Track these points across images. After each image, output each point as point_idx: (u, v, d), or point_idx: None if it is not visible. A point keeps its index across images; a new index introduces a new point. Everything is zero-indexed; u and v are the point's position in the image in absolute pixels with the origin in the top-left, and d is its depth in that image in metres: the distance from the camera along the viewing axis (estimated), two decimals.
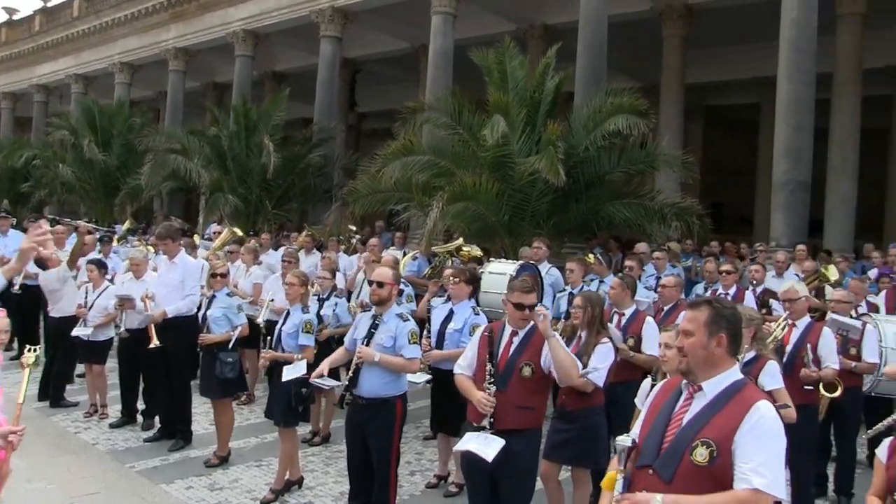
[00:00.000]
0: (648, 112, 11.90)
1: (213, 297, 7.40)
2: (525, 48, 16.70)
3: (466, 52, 13.46)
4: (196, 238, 13.95)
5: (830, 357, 6.10)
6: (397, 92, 23.41)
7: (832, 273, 9.64)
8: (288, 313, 6.67)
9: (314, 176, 20.32)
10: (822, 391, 6.53)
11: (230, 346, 7.17)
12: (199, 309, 7.71)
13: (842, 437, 6.94)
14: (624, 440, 2.89)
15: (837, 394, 6.56)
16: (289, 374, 6.25)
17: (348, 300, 9.47)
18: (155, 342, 7.37)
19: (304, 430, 7.87)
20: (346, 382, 5.42)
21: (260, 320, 7.87)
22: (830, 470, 7.10)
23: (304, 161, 20.06)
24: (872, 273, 10.36)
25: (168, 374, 7.72)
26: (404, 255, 11.58)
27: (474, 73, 13.31)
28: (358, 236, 14.55)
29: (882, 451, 3.86)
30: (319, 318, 7.91)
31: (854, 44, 15.43)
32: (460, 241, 10.71)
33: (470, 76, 14.16)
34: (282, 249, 11.06)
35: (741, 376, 2.98)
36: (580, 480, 5.67)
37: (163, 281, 7.80)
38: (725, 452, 2.77)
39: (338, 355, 5.83)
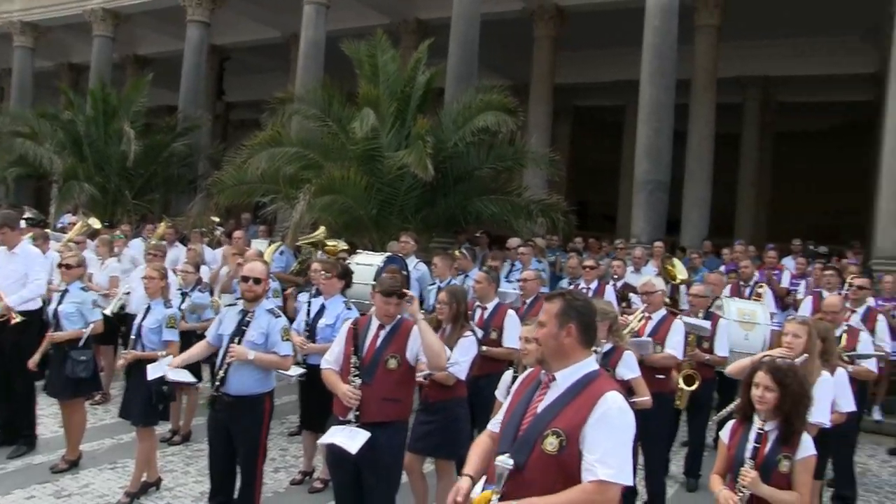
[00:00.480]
0: (517, 110, 12.13)
1: (66, 291, 6.92)
2: (398, 42, 16.70)
3: (338, 43, 13.32)
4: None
5: (676, 348, 6.34)
6: (267, 82, 22.88)
7: (679, 271, 10.09)
8: (149, 308, 6.40)
9: (178, 166, 19.65)
10: (682, 384, 6.86)
11: (81, 343, 6.72)
12: (48, 304, 7.24)
13: (693, 423, 7.27)
14: (505, 462, 2.87)
15: (695, 387, 6.90)
16: (154, 372, 5.95)
17: (212, 294, 9.20)
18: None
19: (163, 428, 7.58)
20: (214, 381, 5.26)
21: (108, 311, 7.48)
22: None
23: (167, 150, 19.33)
24: (721, 269, 10.93)
25: (9, 374, 7.14)
26: (268, 246, 11.35)
27: (346, 65, 13.19)
28: (222, 228, 14.16)
29: (725, 433, 4.09)
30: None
31: (710, 54, 16.24)
32: (321, 230, 10.60)
33: (341, 68, 14.03)
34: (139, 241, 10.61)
35: (595, 367, 3.03)
36: (444, 472, 5.71)
37: (2, 273, 7.15)
38: (574, 442, 2.81)
39: (197, 350, 5.66)
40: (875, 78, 17.21)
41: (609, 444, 2.80)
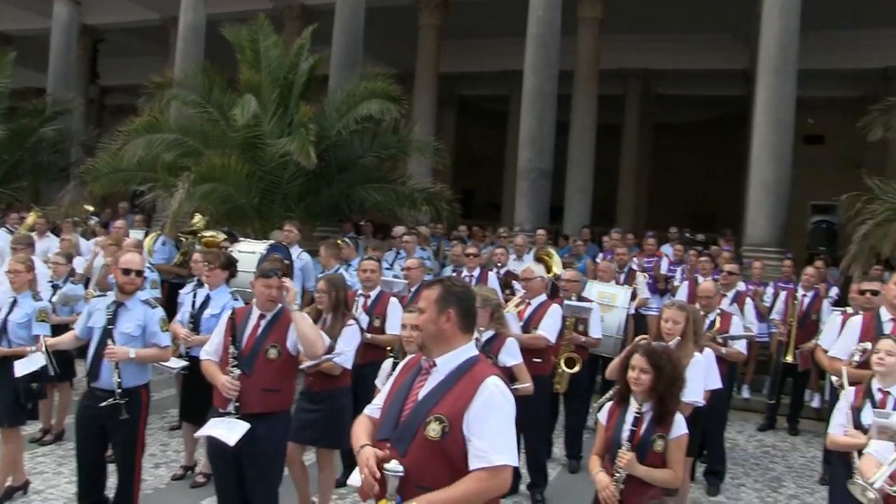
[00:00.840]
0: (402, 98, 12.12)
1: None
2: (281, 28, 16.36)
3: (219, 27, 12.94)
4: None
5: (548, 330, 6.45)
6: (145, 65, 21.94)
7: (555, 263, 10.32)
8: (15, 302, 6.05)
9: (49, 152, 18.66)
10: (563, 367, 7.02)
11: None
12: None
13: (570, 405, 7.45)
14: (395, 468, 2.83)
15: (576, 369, 7.08)
16: (23, 368, 5.64)
17: (86, 286, 8.81)
18: None
19: (33, 428, 7.25)
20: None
21: None
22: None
23: (35, 135, 18.32)
24: (600, 257, 11.25)
25: None
26: (145, 235, 10.98)
27: (227, 50, 12.82)
28: (97, 218, 13.59)
29: (603, 415, 4.20)
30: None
31: (592, 45, 16.60)
32: (198, 219, 10.31)
33: (223, 53, 13.62)
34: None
35: (475, 353, 3.05)
36: (326, 462, 5.66)
37: None
38: (456, 428, 2.82)
39: (65, 339, 5.44)
40: (746, 74, 18.03)
41: (497, 430, 2.84)
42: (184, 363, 6.32)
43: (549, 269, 9.94)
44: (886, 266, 10.17)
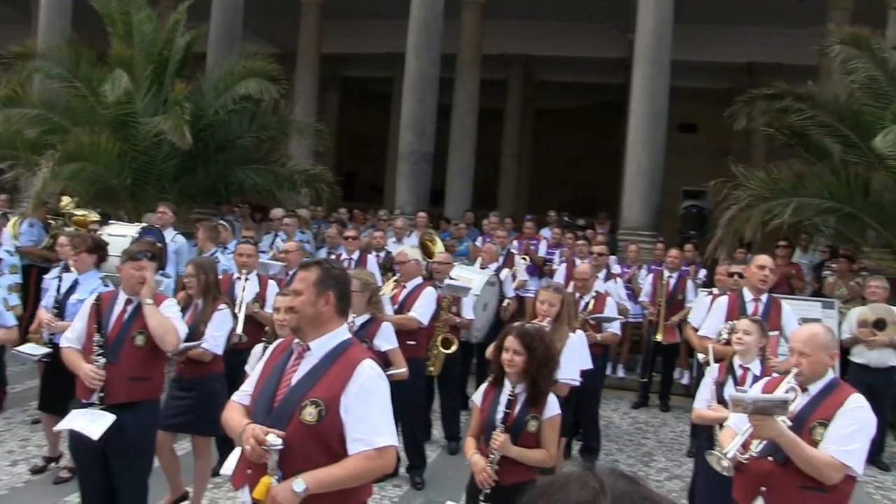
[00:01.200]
0: (282, 78, 11.84)
1: None
2: (156, 1, 15.70)
3: None
4: None
5: (419, 311, 6.50)
6: (4, 34, 20.69)
7: (438, 248, 10.37)
8: None
9: None
10: (439, 347, 7.07)
11: None
12: None
13: (446, 388, 7.51)
14: (275, 441, 2.77)
15: (452, 350, 7.14)
16: None
17: None
18: None
19: None
20: None
21: None
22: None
23: None
24: (479, 240, 11.36)
25: None
26: (4, 217, 10.36)
27: (97, 22, 12.19)
28: None
29: (478, 396, 4.23)
30: None
31: (475, 30, 16.67)
32: (66, 200, 9.81)
33: (91, 25, 12.97)
34: None
35: (348, 336, 3.05)
36: (201, 449, 5.51)
37: None
38: (333, 412, 2.82)
39: None
40: (624, 63, 18.52)
41: (377, 412, 2.86)
42: (45, 350, 6.01)
43: (430, 254, 9.98)
44: (749, 249, 10.70)
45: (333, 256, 8.90)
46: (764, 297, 6.13)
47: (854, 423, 3.54)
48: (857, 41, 9.59)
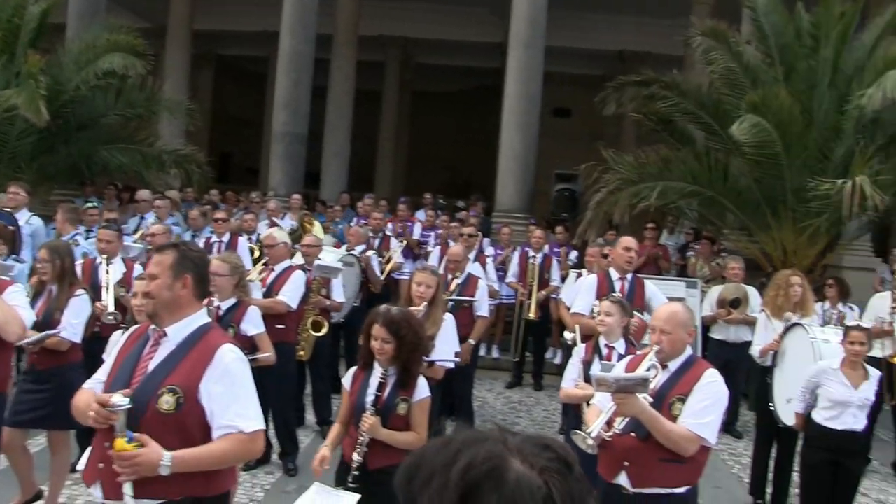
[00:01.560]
0: (149, 54, 11.39)
1: None
2: None
3: None
4: None
5: (288, 295, 6.38)
6: None
7: (317, 230, 10.25)
8: None
9: None
10: (310, 331, 6.99)
11: None
12: None
13: (317, 372, 7.43)
14: (120, 401, 2.66)
15: (323, 333, 7.07)
16: None
17: None
18: None
19: None
20: None
21: None
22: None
23: None
24: (354, 221, 11.28)
25: None
26: None
27: None
28: None
29: (347, 380, 4.19)
30: None
31: (352, 11, 16.50)
32: None
33: None
34: None
35: (207, 320, 2.98)
36: (60, 444, 5.24)
37: None
38: (192, 399, 2.75)
39: None
40: (501, 48, 18.71)
41: (242, 397, 2.82)
42: None
43: (308, 231, 9.87)
44: (618, 231, 11.04)
45: (203, 240, 8.66)
46: (629, 277, 6.37)
47: (709, 398, 3.72)
48: (716, 34, 10.03)
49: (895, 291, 7.69)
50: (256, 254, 8.47)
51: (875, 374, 5.45)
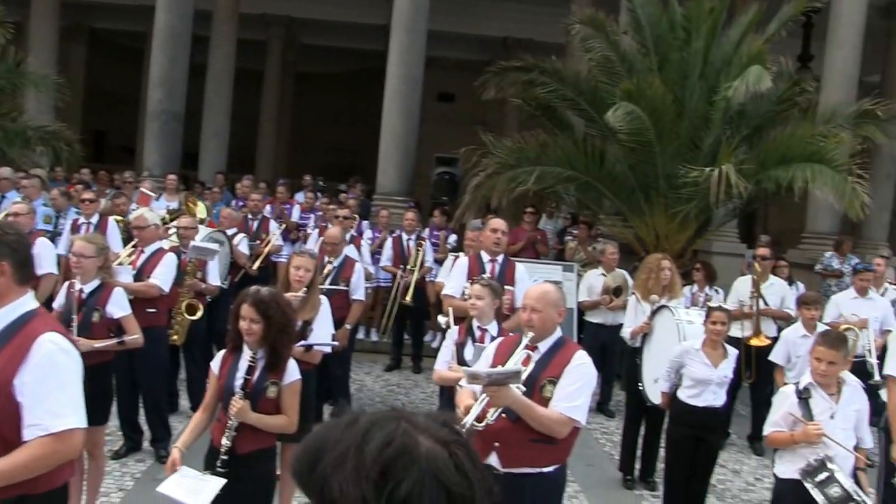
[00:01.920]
0: (7, 21, 10.73)
1: None
2: None
3: None
4: None
5: (159, 278, 6.20)
6: None
7: (200, 210, 9.97)
8: None
9: None
10: (185, 314, 6.80)
11: None
12: None
13: (192, 356, 7.26)
14: None
15: (197, 316, 6.89)
16: None
17: None
18: None
19: None
20: None
21: None
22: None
23: None
24: (233, 203, 11.02)
25: None
26: None
27: None
28: None
29: (216, 364, 4.09)
30: None
31: None
32: None
33: None
34: None
35: (33, 307, 2.75)
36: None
37: None
38: (5, 396, 2.52)
39: None
40: (385, 30, 18.59)
41: (56, 392, 2.58)
42: None
43: (193, 216, 9.57)
44: (496, 215, 11.17)
45: (70, 222, 8.29)
46: (500, 259, 6.45)
47: (579, 380, 3.81)
48: (595, 23, 10.26)
49: (755, 276, 8.10)
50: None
51: (733, 352, 5.73)
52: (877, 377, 6.38)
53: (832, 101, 11.51)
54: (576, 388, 3.77)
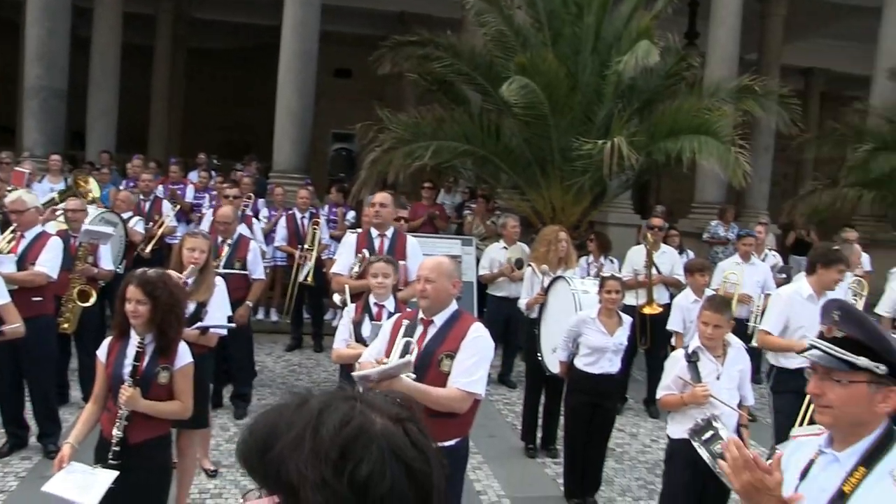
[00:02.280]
0: None
1: None
2: None
3: None
4: None
5: (46, 265, 5.94)
6: None
7: (93, 189, 9.58)
8: None
9: None
10: (76, 301, 6.55)
11: None
12: None
13: (83, 345, 6.98)
14: None
15: (90, 303, 6.65)
16: None
17: None
18: None
19: None
20: None
21: None
22: None
23: None
24: (123, 184, 10.64)
25: None
26: None
27: None
28: None
29: (102, 352, 3.95)
30: None
31: None
32: None
33: None
34: None
35: None
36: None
37: None
38: None
39: None
40: (279, 4, 18.17)
41: None
42: None
43: (85, 195, 9.20)
44: (395, 190, 11.13)
45: None
46: (389, 233, 6.44)
47: (476, 353, 3.83)
48: None
49: (648, 246, 8.34)
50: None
51: (627, 320, 5.91)
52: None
53: (716, 77, 11.96)
54: (473, 363, 3.80)
